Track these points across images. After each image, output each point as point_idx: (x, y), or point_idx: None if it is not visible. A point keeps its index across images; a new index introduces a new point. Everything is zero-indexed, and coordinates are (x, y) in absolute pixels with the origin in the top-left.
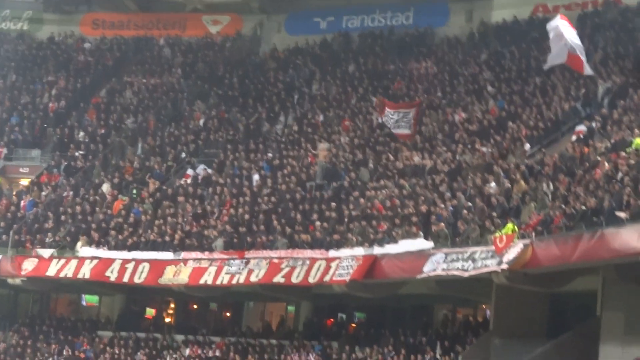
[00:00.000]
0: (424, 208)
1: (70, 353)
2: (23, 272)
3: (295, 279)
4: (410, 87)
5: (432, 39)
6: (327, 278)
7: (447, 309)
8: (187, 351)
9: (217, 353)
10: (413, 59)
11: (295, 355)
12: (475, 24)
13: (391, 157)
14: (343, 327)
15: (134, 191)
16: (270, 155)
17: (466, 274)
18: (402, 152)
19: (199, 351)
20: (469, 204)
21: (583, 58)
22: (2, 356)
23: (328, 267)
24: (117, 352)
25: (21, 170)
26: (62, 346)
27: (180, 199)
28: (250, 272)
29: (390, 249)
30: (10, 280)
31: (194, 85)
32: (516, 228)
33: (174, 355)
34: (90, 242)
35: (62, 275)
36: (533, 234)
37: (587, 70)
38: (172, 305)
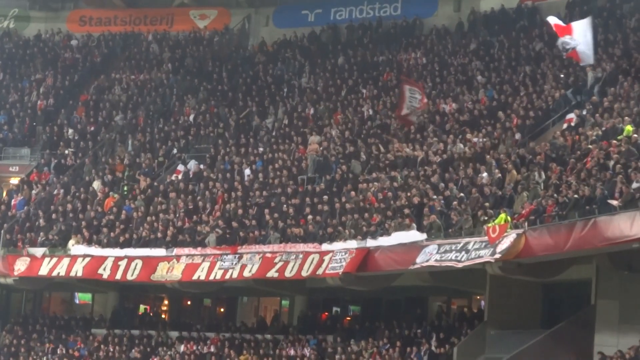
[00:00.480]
0: (416, 200)
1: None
2: (15, 272)
3: (288, 273)
4: (399, 78)
5: (421, 30)
6: (320, 271)
7: (441, 300)
8: (182, 347)
9: (212, 349)
10: (402, 50)
11: (291, 349)
12: (463, 13)
13: (382, 149)
14: (338, 321)
15: (125, 188)
16: (261, 149)
17: (460, 265)
18: (393, 144)
19: (194, 347)
20: (461, 194)
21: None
22: None
23: (321, 261)
24: (111, 349)
25: (11, 169)
26: (55, 345)
27: (172, 195)
28: (243, 267)
29: (383, 241)
30: (2, 280)
31: (183, 81)
32: (509, 218)
33: (169, 352)
34: (82, 240)
35: (54, 274)
36: (526, 224)
37: (587, 60)
38: (166, 302)
